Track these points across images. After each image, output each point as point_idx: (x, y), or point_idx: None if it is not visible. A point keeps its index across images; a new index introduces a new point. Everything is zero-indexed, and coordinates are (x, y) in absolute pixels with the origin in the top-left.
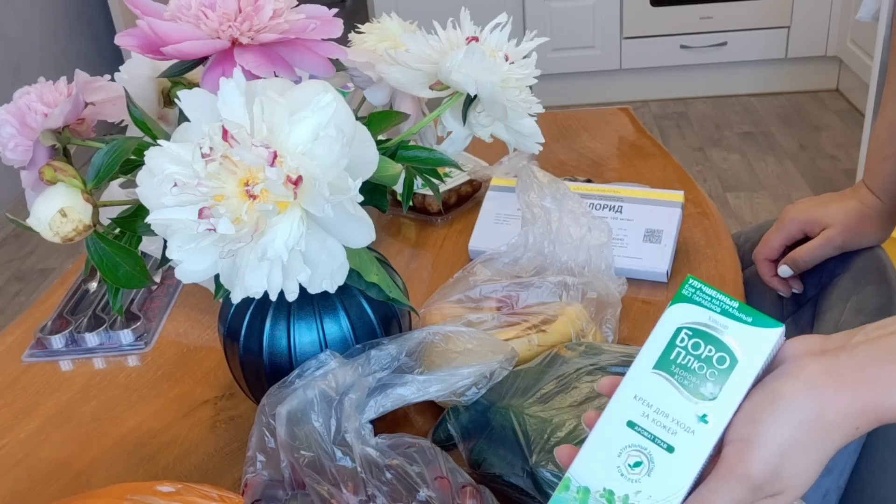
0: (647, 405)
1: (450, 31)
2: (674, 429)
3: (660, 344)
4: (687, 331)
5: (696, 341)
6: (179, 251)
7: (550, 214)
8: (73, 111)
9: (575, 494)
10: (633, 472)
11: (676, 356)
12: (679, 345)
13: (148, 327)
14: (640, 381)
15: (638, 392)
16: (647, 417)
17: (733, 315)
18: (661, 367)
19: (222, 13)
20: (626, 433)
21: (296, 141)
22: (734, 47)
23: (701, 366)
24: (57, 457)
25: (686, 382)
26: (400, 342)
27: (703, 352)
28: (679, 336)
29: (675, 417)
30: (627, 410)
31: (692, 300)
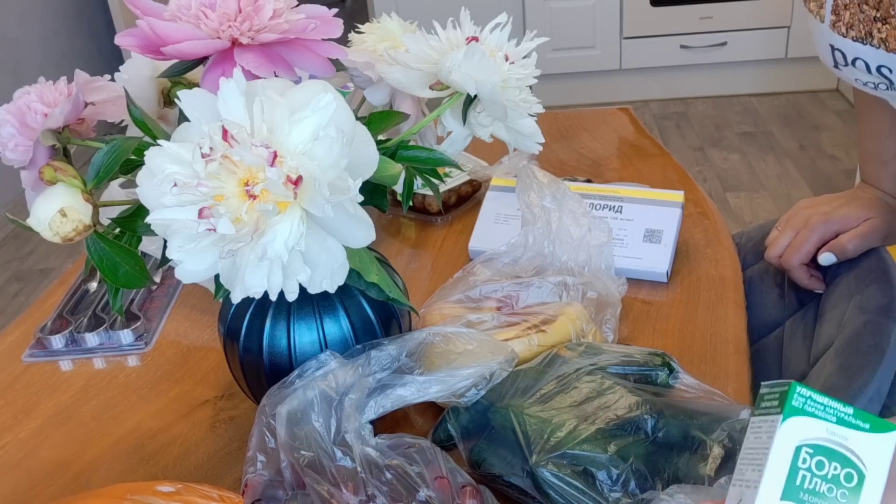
0: None
1: (450, 31)
2: None
3: (782, 469)
4: (807, 449)
5: (820, 460)
6: (179, 251)
7: (550, 214)
8: (73, 111)
9: None
10: None
11: (802, 480)
12: (802, 467)
13: (148, 327)
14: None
15: None
16: None
17: (850, 424)
18: (790, 496)
19: (222, 13)
20: None
21: (296, 141)
22: (734, 47)
23: (830, 487)
24: (57, 457)
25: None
26: (400, 343)
27: (829, 471)
28: (800, 456)
29: None
30: None
31: (805, 412)
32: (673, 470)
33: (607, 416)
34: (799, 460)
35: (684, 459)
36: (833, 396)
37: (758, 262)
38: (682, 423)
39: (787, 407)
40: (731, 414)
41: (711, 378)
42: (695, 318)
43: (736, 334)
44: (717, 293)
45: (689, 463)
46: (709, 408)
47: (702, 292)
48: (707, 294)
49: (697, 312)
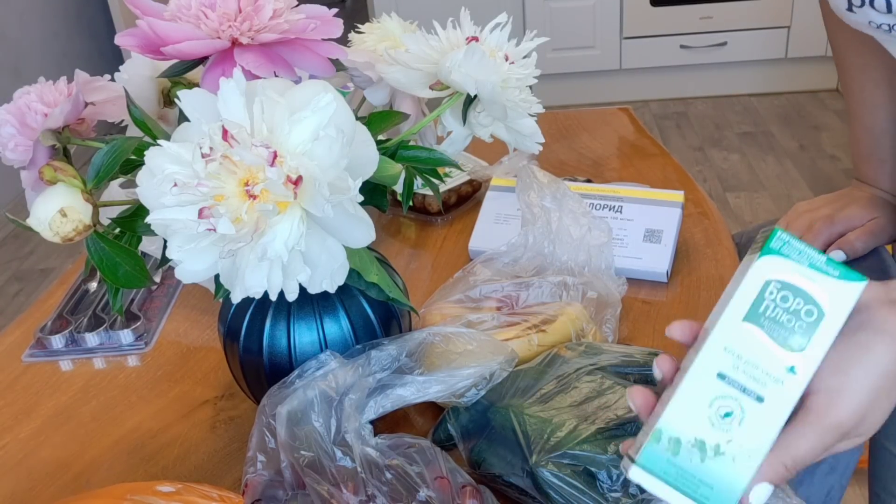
0: (738, 357)
1: (450, 31)
2: (763, 380)
3: (749, 296)
4: (776, 283)
5: (785, 294)
6: (179, 251)
7: (550, 214)
8: (73, 111)
9: (667, 445)
10: (724, 422)
11: (766, 309)
12: (768, 297)
13: (148, 327)
14: (730, 332)
15: (728, 344)
16: (737, 369)
17: (821, 269)
18: (751, 318)
19: (222, 13)
20: (717, 384)
21: (296, 141)
22: (734, 47)
23: (789, 318)
24: (57, 457)
25: (775, 334)
26: (400, 343)
27: (792, 304)
28: (768, 289)
29: (764, 369)
30: (718, 362)
31: (780, 253)
32: None
33: (607, 416)
34: (766, 292)
35: None
36: (809, 245)
37: None
38: None
39: (765, 247)
40: None
41: None
42: (695, 318)
43: None
44: (717, 293)
45: None
46: None
47: (702, 292)
48: (707, 294)
49: (697, 312)
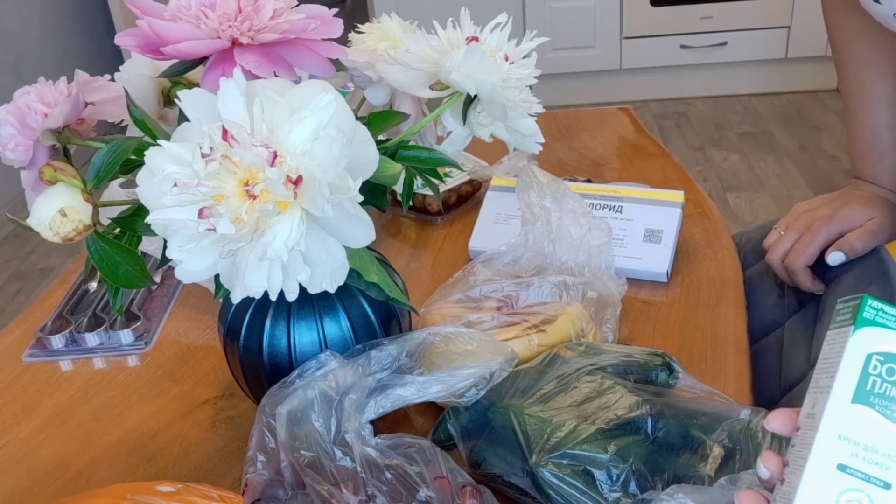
0: (854, 443)
1: (450, 31)
2: (886, 464)
3: (853, 375)
4: (878, 356)
5: (890, 367)
6: (179, 251)
7: (550, 214)
8: (73, 111)
9: None
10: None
11: (873, 385)
12: (872, 373)
13: (148, 327)
14: (840, 418)
15: (841, 431)
16: (856, 457)
17: None
18: (860, 399)
19: (222, 13)
20: (839, 477)
21: (296, 141)
22: (734, 47)
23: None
24: (57, 456)
25: (888, 412)
26: (400, 343)
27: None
28: (871, 363)
29: (885, 451)
30: (835, 453)
31: (876, 323)
32: (673, 470)
33: (607, 416)
34: (870, 367)
35: (684, 459)
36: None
37: (758, 262)
38: (682, 423)
39: (858, 318)
40: (731, 414)
41: (711, 378)
42: (695, 318)
43: (736, 334)
44: (717, 293)
45: (689, 463)
46: (709, 408)
47: (702, 292)
48: (707, 294)
49: (697, 312)
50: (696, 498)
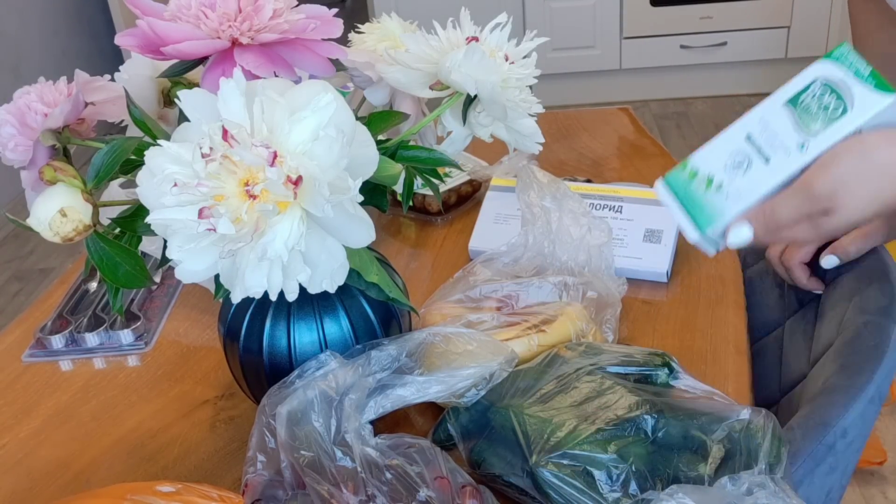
0: (766, 127)
1: (450, 31)
2: (776, 147)
3: (797, 85)
4: (821, 81)
5: (825, 91)
6: (179, 251)
7: (550, 214)
8: (73, 111)
9: (688, 173)
10: (734, 170)
11: (805, 98)
12: (811, 90)
13: (148, 327)
14: (770, 109)
15: (764, 116)
16: (761, 135)
17: (863, 78)
18: (791, 102)
19: (222, 13)
20: (742, 142)
21: (296, 141)
22: (734, 47)
23: (819, 109)
24: (57, 457)
25: (802, 118)
26: (400, 343)
27: (826, 100)
28: (814, 84)
29: (781, 140)
30: (751, 126)
31: (837, 59)
32: (673, 470)
33: (607, 416)
34: (811, 86)
35: (684, 459)
36: (866, 62)
37: (758, 263)
38: (682, 423)
39: (827, 54)
40: (731, 414)
41: (711, 378)
42: (695, 318)
43: (736, 334)
44: (717, 293)
45: (689, 463)
46: (709, 408)
47: (702, 292)
48: (707, 294)
49: (697, 312)
50: (696, 498)
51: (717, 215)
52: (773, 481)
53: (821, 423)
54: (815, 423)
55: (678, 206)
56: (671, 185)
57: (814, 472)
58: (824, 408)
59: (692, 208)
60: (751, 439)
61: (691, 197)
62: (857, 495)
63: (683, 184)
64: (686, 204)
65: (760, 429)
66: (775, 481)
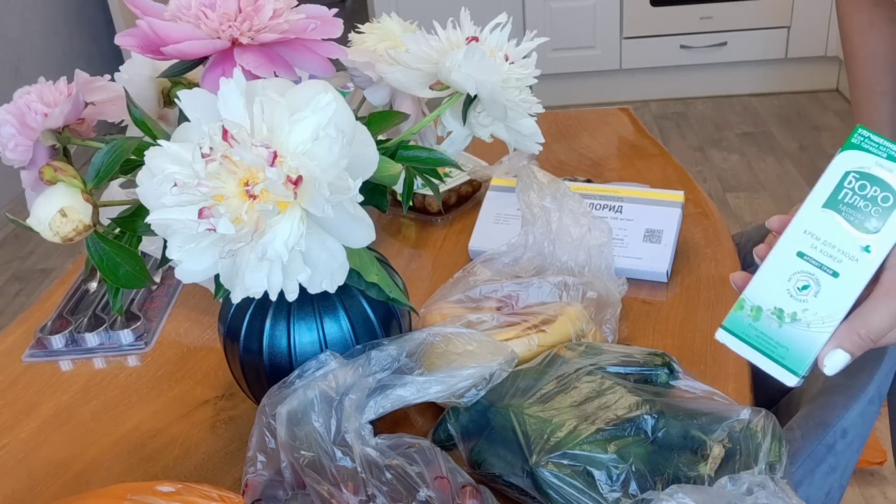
0: (816, 238)
1: (450, 31)
2: (839, 258)
3: (829, 185)
4: (854, 174)
5: (863, 183)
6: (179, 251)
7: (550, 214)
8: (73, 111)
9: (749, 313)
10: (801, 294)
11: (844, 196)
12: (847, 186)
13: (148, 327)
14: (809, 217)
15: (808, 227)
16: (815, 248)
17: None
18: (830, 205)
19: (222, 13)
20: (796, 262)
21: (296, 141)
22: (734, 47)
23: (866, 204)
24: (57, 457)
25: (852, 219)
26: (400, 343)
27: (869, 192)
28: (847, 179)
29: (840, 248)
30: (798, 242)
31: (860, 147)
32: (673, 470)
33: (607, 416)
34: (845, 181)
35: (684, 459)
36: (889, 139)
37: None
38: (682, 423)
39: (847, 142)
40: (731, 414)
41: (711, 378)
42: (695, 318)
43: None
44: (717, 293)
45: (689, 463)
46: (709, 408)
47: (702, 292)
48: (707, 294)
49: (697, 312)
50: (696, 498)
51: (806, 349)
52: (773, 481)
53: (821, 423)
54: (815, 423)
55: (757, 353)
56: (735, 331)
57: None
58: (824, 408)
59: (775, 351)
60: (751, 439)
61: (766, 338)
62: (857, 495)
63: (749, 326)
64: (764, 348)
65: (760, 429)
66: (775, 481)
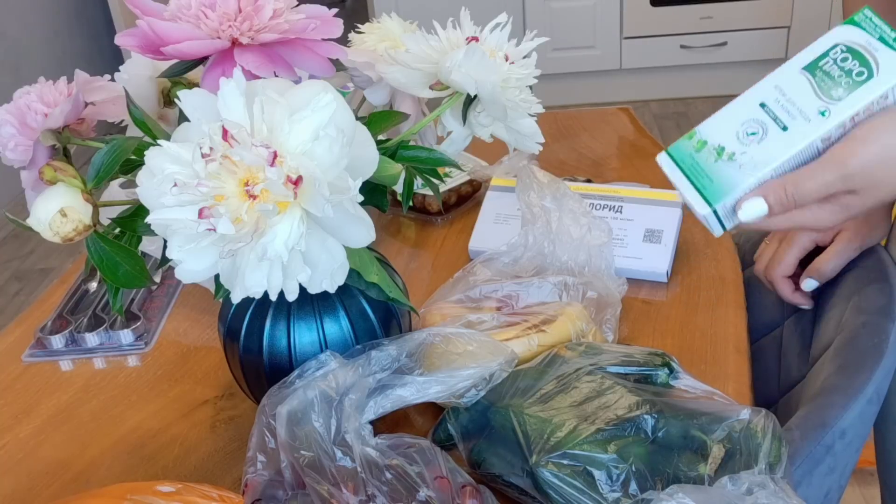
0: (782, 94)
1: (450, 31)
2: (794, 115)
3: (815, 51)
4: (842, 46)
5: (846, 55)
6: (179, 251)
7: (550, 214)
8: (73, 111)
9: (694, 144)
10: (747, 139)
11: (824, 63)
12: (831, 55)
13: (148, 327)
14: (785, 75)
15: (779, 83)
16: (777, 102)
17: (888, 42)
18: (808, 68)
19: (222, 13)
20: (755, 110)
21: (296, 141)
22: (734, 47)
23: (841, 74)
24: (57, 456)
25: (822, 84)
26: (400, 343)
27: (848, 65)
28: (834, 49)
29: (800, 107)
30: (764, 93)
31: (859, 25)
32: (673, 470)
33: (607, 416)
34: (831, 51)
35: (684, 459)
36: (889, 25)
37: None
38: (682, 423)
39: (848, 19)
40: (731, 414)
41: (711, 378)
42: (695, 318)
43: (736, 334)
44: (717, 293)
45: (689, 463)
46: (709, 408)
47: (702, 292)
48: (707, 294)
49: (697, 312)
50: (696, 498)
51: (729, 187)
52: (773, 481)
53: (819, 423)
54: (814, 423)
55: (684, 180)
56: (676, 157)
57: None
58: (823, 408)
59: (700, 181)
60: (751, 439)
61: (699, 169)
62: (857, 495)
63: (689, 155)
64: (693, 177)
65: (760, 429)
66: (775, 481)
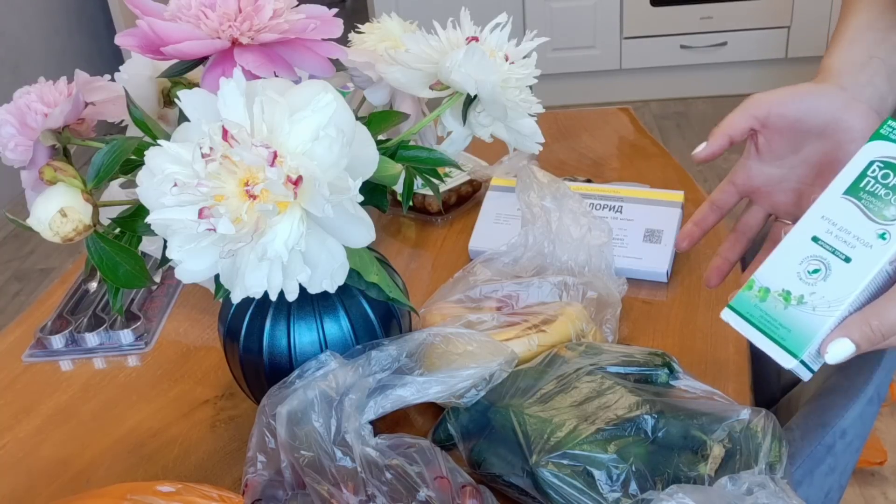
0: (832, 223)
1: (450, 31)
2: (853, 243)
3: (852, 173)
4: (879, 163)
5: (886, 172)
6: (179, 251)
7: (550, 214)
8: (73, 111)
9: (757, 293)
10: (811, 278)
11: (866, 184)
12: (870, 175)
13: (148, 327)
14: (829, 203)
15: (825, 213)
16: (830, 234)
17: None
18: (851, 192)
19: (222, 13)
20: (810, 246)
21: (296, 141)
22: (734, 47)
23: (887, 193)
24: (57, 456)
25: (871, 206)
26: (400, 343)
27: (891, 181)
28: (871, 168)
29: (856, 234)
30: (814, 227)
31: (888, 138)
32: (673, 470)
33: (607, 416)
34: (869, 170)
35: (684, 459)
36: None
37: None
38: (682, 423)
39: (875, 133)
40: (731, 414)
41: (711, 378)
42: (695, 318)
43: (736, 334)
44: (717, 293)
45: (689, 463)
46: (709, 408)
47: (702, 292)
48: (707, 294)
49: (697, 312)
50: (696, 498)
51: (809, 333)
52: (773, 481)
53: (820, 424)
54: (814, 423)
55: (758, 334)
56: (741, 310)
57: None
58: (823, 409)
59: (777, 332)
60: (751, 439)
61: (771, 319)
62: (857, 495)
63: (755, 307)
64: (767, 329)
65: (760, 429)
66: (775, 481)
